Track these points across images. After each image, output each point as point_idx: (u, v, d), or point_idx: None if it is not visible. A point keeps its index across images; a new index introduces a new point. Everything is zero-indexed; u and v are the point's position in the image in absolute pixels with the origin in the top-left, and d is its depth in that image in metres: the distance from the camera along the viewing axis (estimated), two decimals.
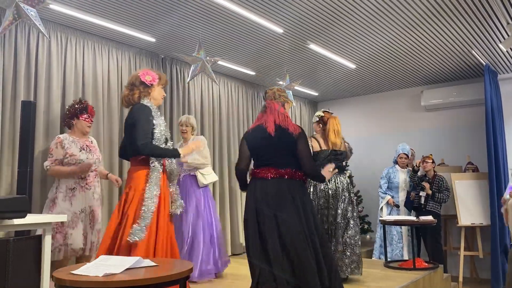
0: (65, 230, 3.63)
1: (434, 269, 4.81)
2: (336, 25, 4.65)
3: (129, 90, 3.06)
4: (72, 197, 3.72)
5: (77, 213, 3.71)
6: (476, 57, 5.70)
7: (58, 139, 3.81)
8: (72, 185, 3.75)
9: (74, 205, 3.70)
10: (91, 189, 3.87)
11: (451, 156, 6.75)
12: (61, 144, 3.77)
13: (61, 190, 3.71)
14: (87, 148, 3.91)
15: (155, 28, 4.60)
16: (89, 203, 3.82)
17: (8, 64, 3.96)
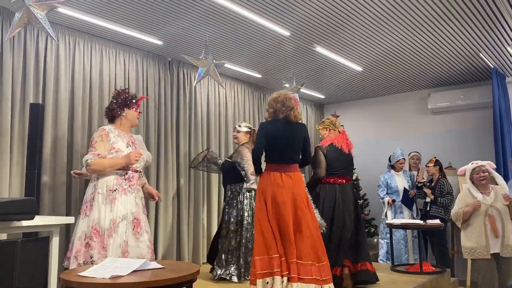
0: (105, 240, 3.11)
1: (441, 273, 4.78)
2: (342, 28, 4.65)
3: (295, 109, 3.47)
4: (113, 201, 3.21)
5: (116, 220, 3.19)
6: (484, 59, 5.67)
7: (103, 131, 3.34)
8: (113, 186, 3.23)
9: (114, 210, 3.19)
10: (134, 192, 3.37)
11: (459, 159, 6.69)
12: (107, 137, 3.30)
13: (100, 191, 3.21)
14: (132, 144, 3.47)
15: (162, 31, 4.63)
16: (132, 208, 3.29)
17: (17, 67, 4.00)
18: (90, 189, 3.27)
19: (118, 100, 3.48)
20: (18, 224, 1.54)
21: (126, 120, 3.49)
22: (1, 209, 1.46)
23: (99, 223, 3.14)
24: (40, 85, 4.17)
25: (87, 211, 3.19)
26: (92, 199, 3.20)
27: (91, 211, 3.17)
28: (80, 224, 3.18)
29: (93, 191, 3.23)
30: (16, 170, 3.91)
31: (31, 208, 1.54)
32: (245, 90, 6.64)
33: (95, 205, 3.17)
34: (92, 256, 3.04)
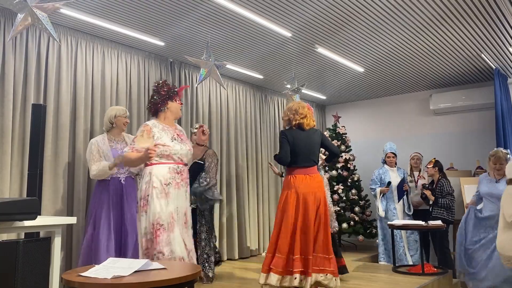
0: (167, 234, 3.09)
1: (443, 274, 4.76)
2: (344, 29, 4.65)
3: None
4: (168, 194, 3.19)
5: (173, 214, 3.18)
6: (485, 60, 5.66)
7: (146, 127, 3.28)
8: (167, 180, 3.21)
9: (170, 204, 3.18)
10: (185, 186, 3.34)
11: (460, 160, 6.70)
12: (149, 133, 3.24)
13: (155, 185, 3.17)
14: (178, 137, 3.39)
15: (164, 32, 4.63)
16: (181, 203, 3.28)
17: (19, 68, 4.01)
18: (144, 184, 3.21)
19: (161, 93, 3.40)
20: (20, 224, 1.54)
21: (171, 113, 3.42)
22: (3, 209, 1.46)
23: (160, 217, 3.12)
24: (41, 86, 4.17)
25: (145, 208, 3.15)
26: (148, 195, 3.16)
27: (149, 207, 3.14)
28: (142, 220, 3.16)
29: (148, 186, 3.17)
30: (16, 171, 3.92)
31: (33, 208, 1.54)
32: (246, 91, 6.64)
33: (152, 200, 3.13)
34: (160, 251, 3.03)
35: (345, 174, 6.92)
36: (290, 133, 3.76)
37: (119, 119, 4.02)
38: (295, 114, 3.76)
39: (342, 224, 6.58)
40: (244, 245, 6.11)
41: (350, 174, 6.99)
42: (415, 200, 6.40)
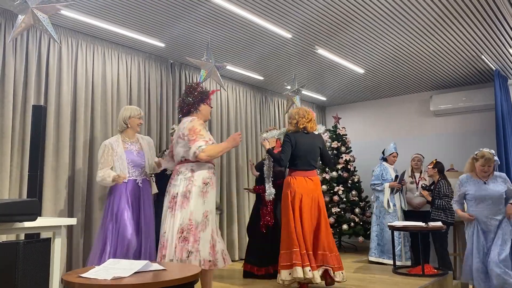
0: (198, 233, 3.10)
1: (443, 275, 4.76)
2: (344, 30, 4.65)
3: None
4: (206, 194, 3.20)
5: (207, 214, 3.19)
6: (486, 62, 5.66)
7: (200, 120, 3.35)
8: (206, 180, 3.23)
9: (206, 203, 3.18)
10: (215, 188, 3.40)
11: (461, 161, 6.66)
12: (205, 128, 3.36)
13: (196, 184, 3.17)
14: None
15: (164, 33, 4.64)
16: (214, 204, 3.33)
17: (19, 69, 4.01)
18: (183, 182, 3.19)
19: (195, 95, 3.43)
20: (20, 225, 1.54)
21: (201, 115, 3.44)
22: (4, 210, 1.46)
23: (194, 215, 3.13)
24: (42, 87, 4.18)
25: (183, 204, 3.13)
26: (189, 192, 3.15)
27: (187, 204, 3.13)
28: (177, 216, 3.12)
29: (188, 184, 3.17)
30: (16, 171, 3.92)
31: (34, 209, 1.54)
32: (246, 92, 6.65)
33: (192, 197, 3.14)
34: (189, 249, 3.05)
35: (345, 175, 6.92)
36: (294, 136, 3.97)
37: (133, 120, 3.89)
38: (302, 117, 4.02)
39: (342, 225, 6.58)
40: (245, 245, 6.09)
41: (350, 175, 6.99)
42: (416, 202, 6.40)
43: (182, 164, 3.27)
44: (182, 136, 3.24)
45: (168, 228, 3.11)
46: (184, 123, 3.28)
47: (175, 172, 3.28)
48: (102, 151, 3.73)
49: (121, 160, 3.72)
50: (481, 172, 4.38)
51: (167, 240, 3.06)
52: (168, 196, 3.21)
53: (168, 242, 3.06)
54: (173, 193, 3.18)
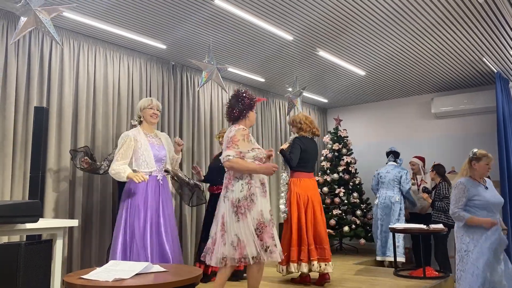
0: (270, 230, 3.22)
1: (445, 278, 4.75)
2: (346, 32, 4.66)
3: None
4: (265, 194, 3.32)
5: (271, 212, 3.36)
6: (487, 64, 5.66)
7: (245, 131, 3.31)
8: (263, 180, 3.34)
9: (267, 203, 3.32)
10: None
11: (462, 164, 6.65)
12: (248, 137, 3.32)
13: (257, 185, 3.26)
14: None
15: (166, 35, 4.65)
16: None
17: (22, 71, 4.03)
18: (244, 186, 3.24)
19: (245, 101, 3.42)
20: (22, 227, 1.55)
21: (249, 121, 3.46)
22: (6, 212, 1.47)
23: (263, 215, 3.22)
24: (44, 89, 4.19)
25: (253, 207, 3.20)
26: (252, 194, 3.22)
27: (254, 206, 3.21)
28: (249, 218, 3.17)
29: (250, 186, 3.24)
30: (18, 173, 3.93)
31: (35, 211, 1.55)
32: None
33: (257, 199, 3.22)
34: (267, 245, 3.17)
35: (347, 177, 6.92)
36: (303, 141, 4.40)
37: (145, 111, 3.71)
38: (310, 123, 4.49)
39: (343, 227, 6.57)
40: None
41: (351, 177, 6.98)
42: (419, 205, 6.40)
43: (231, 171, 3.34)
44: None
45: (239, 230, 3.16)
46: (231, 131, 3.34)
47: (230, 178, 3.31)
48: (123, 142, 3.51)
49: (147, 152, 3.58)
50: (486, 172, 4.02)
51: (243, 241, 3.13)
52: (228, 201, 3.25)
53: (245, 242, 3.13)
54: (233, 197, 3.22)
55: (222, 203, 3.29)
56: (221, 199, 3.31)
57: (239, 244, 3.12)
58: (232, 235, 3.16)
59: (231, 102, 3.44)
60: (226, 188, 3.30)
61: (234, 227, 3.16)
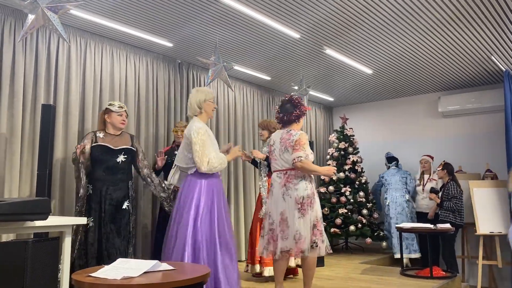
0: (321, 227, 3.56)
1: (452, 278, 4.72)
2: (353, 30, 4.63)
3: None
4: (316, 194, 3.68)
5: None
6: (495, 63, 5.61)
7: (306, 135, 3.63)
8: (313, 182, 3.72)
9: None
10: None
11: (469, 163, 6.65)
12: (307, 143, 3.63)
13: (314, 185, 3.63)
14: None
15: (173, 33, 4.64)
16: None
17: (29, 68, 4.03)
18: (308, 184, 3.53)
19: (301, 108, 3.71)
20: (31, 225, 1.55)
21: (299, 126, 3.75)
22: (15, 209, 1.46)
23: (318, 213, 3.57)
24: (51, 87, 4.19)
25: (313, 205, 3.51)
26: (313, 194, 3.54)
27: (315, 203, 3.54)
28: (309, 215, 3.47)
29: (312, 186, 3.56)
30: (26, 170, 3.93)
31: (45, 208, 1.54)
32: (253, 92, 6.64)
33: (315, 197, 3.56)
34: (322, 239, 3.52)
35: (353, 176, 6.89)
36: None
37: (208, 104, 3.52)
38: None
39: (350, 226, 6.55)
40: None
41: (357, 176, 6.96)
42: (424, 204, 6.37)
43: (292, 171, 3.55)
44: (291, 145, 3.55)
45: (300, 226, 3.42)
46: (293, 135, 3.57)
47: (290, 178, 3.52)
48: (203, 133, 3.34)
49: (215, 145, 3.50)
50: None
51: (302, 235, 3.40)
52: (290, 199, 3.47)
53: (303, 237, 3.40)
54: (297, 195, 3.46)
55: (281, 201, 3.49)
56: (279, 196, 3.51)
57: (300, 239, 3.37)
58: (294, 231, 3.40)
59: (285, 107, 3.69)
60: (284, 186, 3.51)
61: (296, 223, 3.40)
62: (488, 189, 6.04)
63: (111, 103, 3.96)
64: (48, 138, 3.38)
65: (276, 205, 3.52)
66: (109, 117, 3.92)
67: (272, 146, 3.73)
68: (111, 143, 3.87)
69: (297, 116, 3.68)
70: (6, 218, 1.46)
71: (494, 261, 5.87)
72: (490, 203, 5.94)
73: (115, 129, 3.93)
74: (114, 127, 3.91)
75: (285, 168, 3.57)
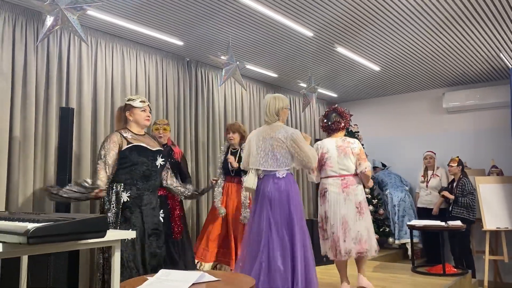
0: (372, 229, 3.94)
1: (464, 274, 4.76)
2: (364, 28, 4.61)
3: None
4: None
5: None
6: (503, 60, 5.63)
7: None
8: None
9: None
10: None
11: (474, 159, 6.69)
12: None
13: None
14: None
15: (184, 31, 4.57)
16: None
17: (41, 69, 3.94)
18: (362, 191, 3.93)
19: (348, 118, 4.19)
20: (85, 241, 1.51)
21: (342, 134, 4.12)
22: (75, 229, 1.42)
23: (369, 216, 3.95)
24: (63, 88, 4.11)
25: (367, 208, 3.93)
26: (365, 198, 3.95)
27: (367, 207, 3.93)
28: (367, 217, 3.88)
29: (363, 192, 3.95)
30: (39, 174, 3.86)
31: (103, 226, 1.51)
32: (260, 89, 6.60)
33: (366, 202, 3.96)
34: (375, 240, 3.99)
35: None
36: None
37: (285, 112, 3.59)
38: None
39: None
40: None
41: None
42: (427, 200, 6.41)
43: (354, 176, 3.89)
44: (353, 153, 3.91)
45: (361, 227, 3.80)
46: (352, 143, 3.97)
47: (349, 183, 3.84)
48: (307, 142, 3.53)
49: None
50: None
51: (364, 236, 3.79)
52: (350, 203, 3.81)
53: (364, 237, 3.79)
54: (356, 200, 3.82)
55: (342, 204, 3.78)
56: (339, 201, 3.79)
57: (361, 239, 3.74)
58: (356, 232, 3.75)
59: (331, 116, 4.08)
60: (344, 191, 3.81)
61: (356, 225, 3.76)
62: (494, 185, 6.09)
63: (130, 98, 3.45)
64: (67, 142, 3.31)
65: (336, 209, 3.78)
66: (131, 114, 3.36)
67: (326, 153, 3.94)
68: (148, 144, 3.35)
69: (344, 126, 4.10)
70: (65, 239, 1.42)
71: (500, 256, 5.94)
72: (496, 199, 6.00)
73: (138, 128, 3.38)
74: (138, 125, 3.37)
75: (343, 174, 3.85)
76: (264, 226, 3.25)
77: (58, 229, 1.40)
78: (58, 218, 1.51)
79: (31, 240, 1.34)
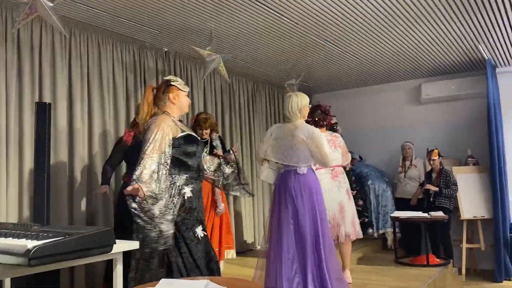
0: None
1: (446, 265, 4.84)
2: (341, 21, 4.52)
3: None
4: None
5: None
6: (480, 51, 5.68)
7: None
8: None
9: None
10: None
11: (450, 149, 6.77)
12: None
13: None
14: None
15: (158, 20, 4.33)
16: None
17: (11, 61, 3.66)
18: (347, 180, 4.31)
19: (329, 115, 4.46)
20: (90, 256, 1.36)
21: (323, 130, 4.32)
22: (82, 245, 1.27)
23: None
24: (36, 81, 3.84)
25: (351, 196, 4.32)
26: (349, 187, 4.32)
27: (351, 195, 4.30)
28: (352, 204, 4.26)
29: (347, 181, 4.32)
30: (13, 174, 3.61)
31: (110, 241, 1.36)
32: (239, 81, 6.44)
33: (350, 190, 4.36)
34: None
35: None
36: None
37: (306, 109, 3.64)
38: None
39: None
40: (241, 239, 5.99)
41: None
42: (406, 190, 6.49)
43: (339, 167, 4.25)
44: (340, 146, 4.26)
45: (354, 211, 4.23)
46: (338, 137, 4.35)
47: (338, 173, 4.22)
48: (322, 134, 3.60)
49: None
50: None
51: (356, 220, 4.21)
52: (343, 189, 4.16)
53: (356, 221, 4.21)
54: (346, 187, 4.21)
55: (336, 192, 4.09)
56: (333, 188, 4.09)
57: (355, 222, 4.15)
58: (351, 215, 4.13)
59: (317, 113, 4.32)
60: (335, 178, 4.15)
61: (351, 208, 4.16)
62: (471, 174, 6.22)
63: (172, 78, 2.93)
64: (45, 139, 3.08)
65: (332, 195, 4.04)
66: (176, 96, 2.85)
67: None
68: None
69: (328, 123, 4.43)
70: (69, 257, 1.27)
71: (477, 244, 6.09)
72: (473, 188, 6.12)
73: (178, 114, 2.92)
74: (181, 111, 2.93)
75: (333, 165, 4.04)
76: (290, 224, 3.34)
77: (61, 247, 1.25)
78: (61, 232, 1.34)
79: (33, 261, 1.18)
